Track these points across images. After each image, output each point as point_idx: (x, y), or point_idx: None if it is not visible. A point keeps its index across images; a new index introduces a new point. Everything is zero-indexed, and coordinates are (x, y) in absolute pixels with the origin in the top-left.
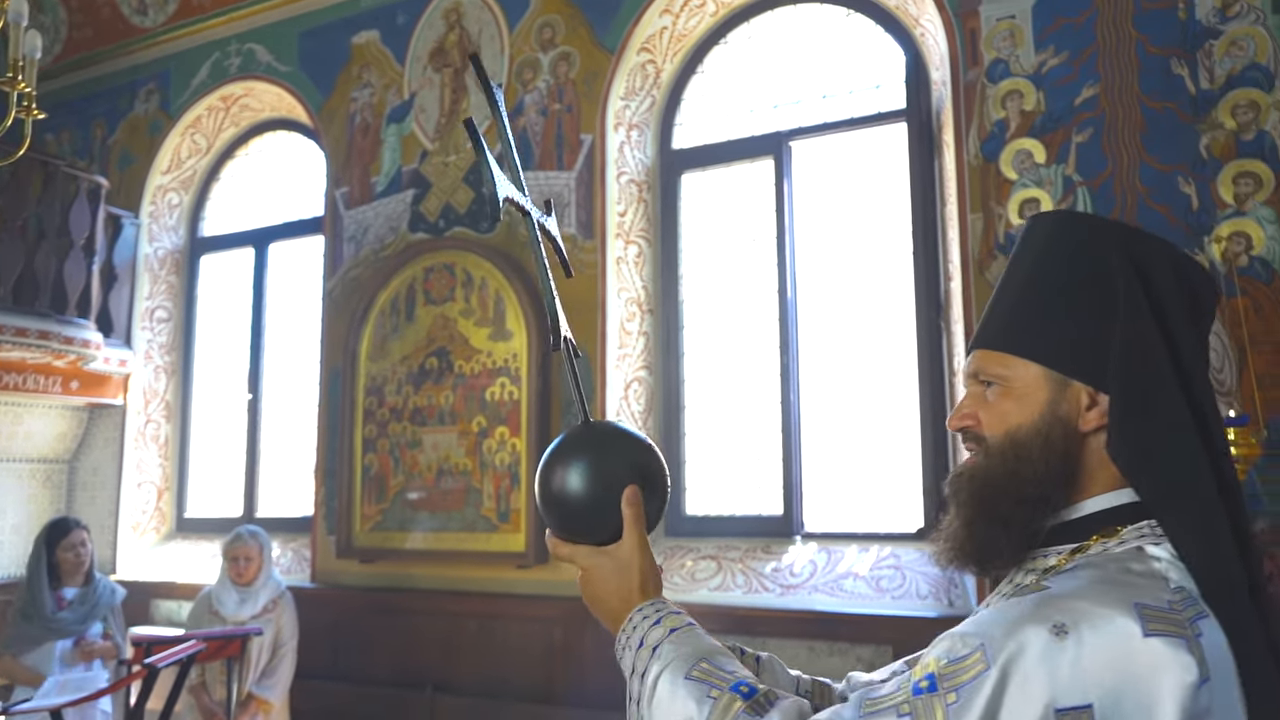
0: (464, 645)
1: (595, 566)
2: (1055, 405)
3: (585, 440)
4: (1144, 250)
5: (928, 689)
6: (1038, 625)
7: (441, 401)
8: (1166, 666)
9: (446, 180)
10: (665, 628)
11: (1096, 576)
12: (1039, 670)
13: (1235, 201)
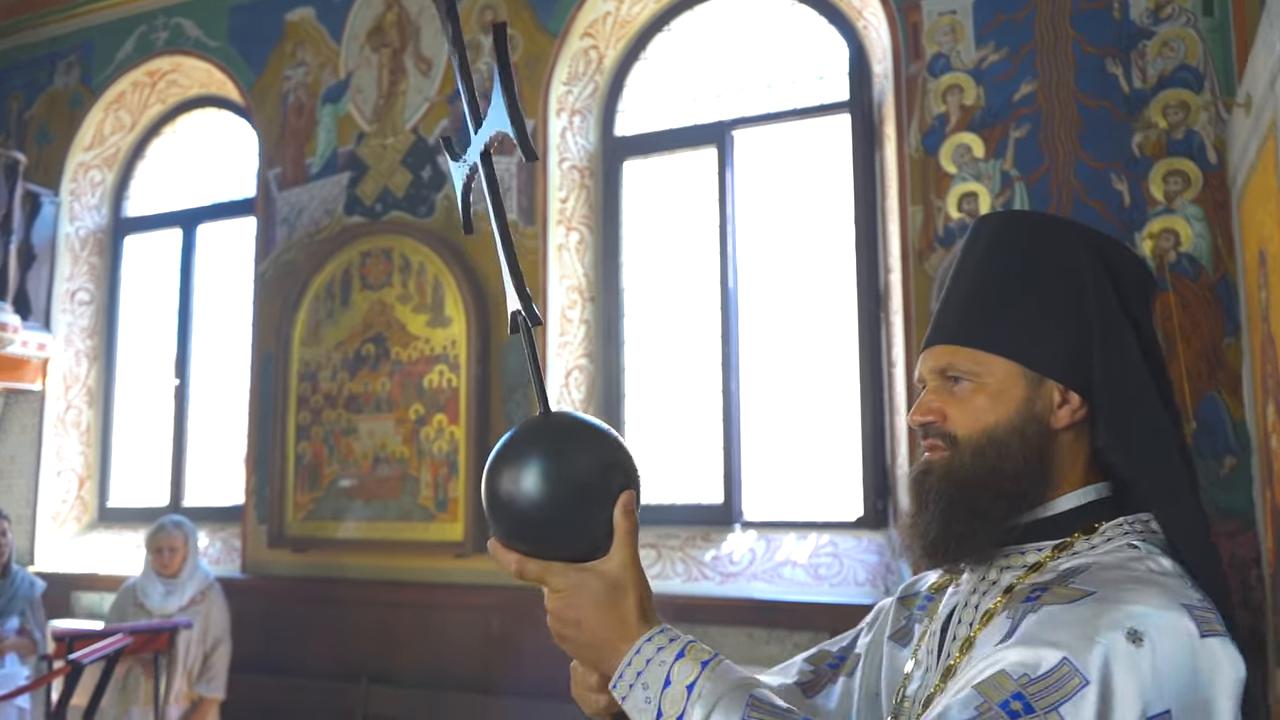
0: (400, 635)
1: (577, 588)
2: (1031, 403)
3: (551, 436)
4: (1109, 248)
5: (1023, 710)
6: (1114, 632)
7: (378, 388)
8: (1220, 665)
9: (384, 163)
10: (694, 661)
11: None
12: (1129, 679)
13: (1165, 199)
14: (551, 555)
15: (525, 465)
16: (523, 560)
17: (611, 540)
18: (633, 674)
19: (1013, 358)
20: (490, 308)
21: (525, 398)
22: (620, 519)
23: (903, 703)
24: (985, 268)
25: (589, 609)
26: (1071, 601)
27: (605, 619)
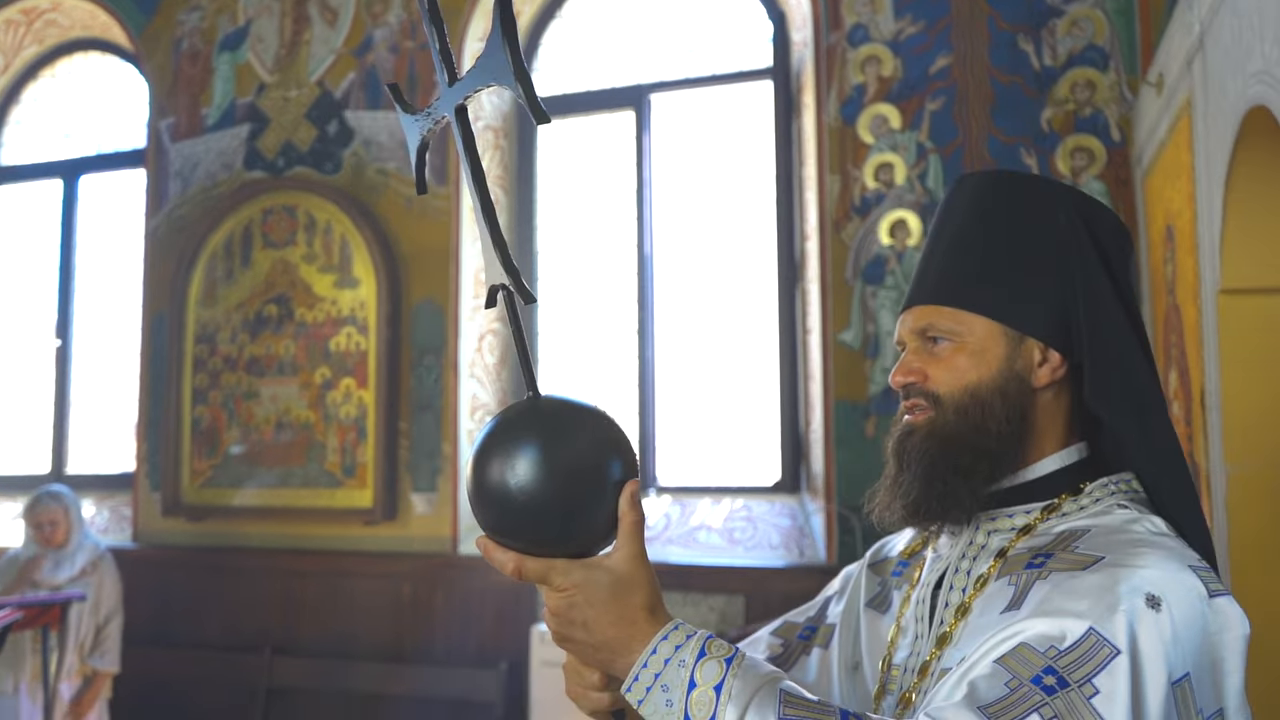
0: (306, 605)
1: (583, 586)
2: (1012, 361)
3: (543, 420)
4: (1088, 206)
5: (1059, 684)
6: (1135, 598)
7: (281, 351)
8: (1229, 623)
9: (287, 116)
10: (718, 660)
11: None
12: (1155, 645)
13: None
14: (551, 552)
15: (517, 453)
16: (520, 559)
17: (614, 533)
18: (649, 676)
19: (993, 316)
20: (401, 268)
21: (437, 362)
22: (626, 510)
23: (891, 671)
24: (965, 227)
25: (597, 608)
26: (1083, 568)
27: (614, 618)
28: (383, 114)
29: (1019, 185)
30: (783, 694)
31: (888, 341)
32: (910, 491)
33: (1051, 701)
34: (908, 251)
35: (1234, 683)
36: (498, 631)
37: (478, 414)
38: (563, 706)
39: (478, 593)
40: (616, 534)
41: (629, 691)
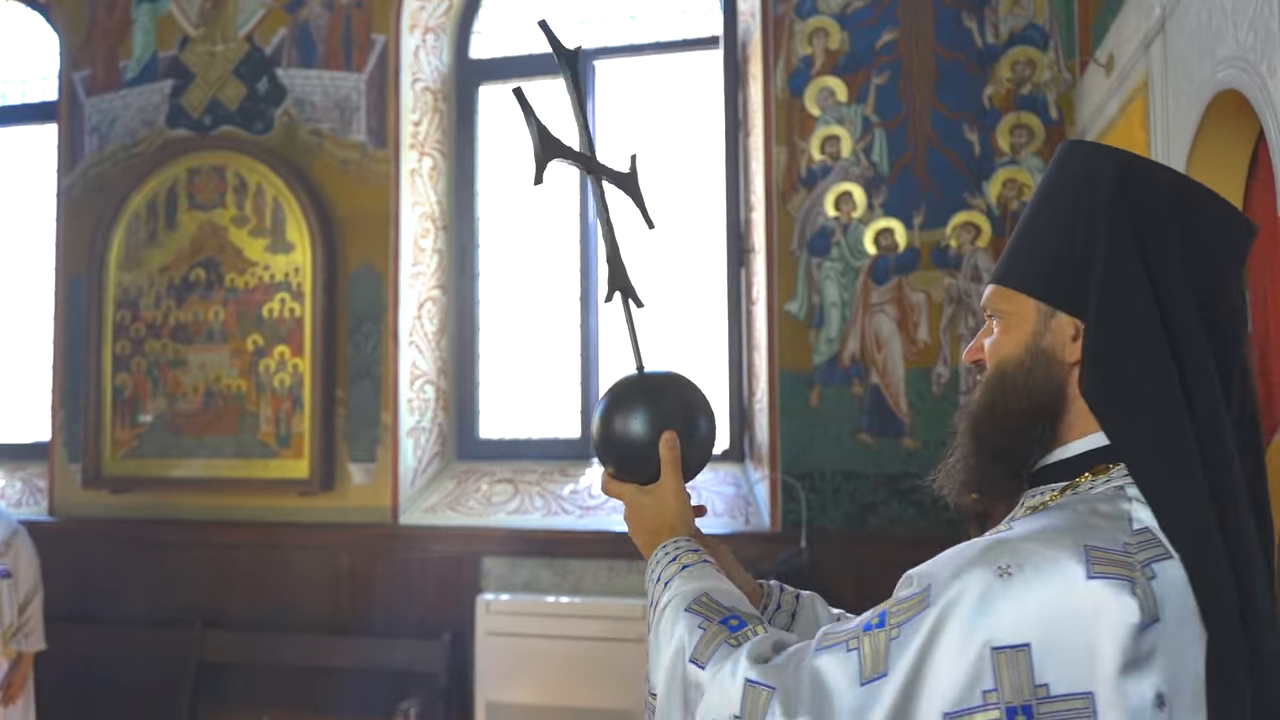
0: (238, 578)
1: (636, 505)
2: (1039, 337)
3: (640, 389)
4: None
5: (877, 625)
6: (984, 567)
7: (210, 317)
8: (1107, 609)
9: (213, 72)
10: (679, 564)
11: (1061, 518)
12: (977, 610)
13: (1011, 151)
14: (633, 481)
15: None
16: (609, 481)
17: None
18: (649, 571)
19: (1026, 290)
20: (337, 233)
21: (376, 329)
22: (664, 452)
23: None
24: (1031, 201)
25: (640, 521)
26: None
27: (649, 529)
28: (316, 73)
29: (1078, 152)
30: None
31: (833, 312)
32: (954, 465)
33: (861, 636)
34: (853, 224)
35: (1107, 670)
36: (440, 602)
37: (417, 382)
38: (507, 676)
39: (419, 563)
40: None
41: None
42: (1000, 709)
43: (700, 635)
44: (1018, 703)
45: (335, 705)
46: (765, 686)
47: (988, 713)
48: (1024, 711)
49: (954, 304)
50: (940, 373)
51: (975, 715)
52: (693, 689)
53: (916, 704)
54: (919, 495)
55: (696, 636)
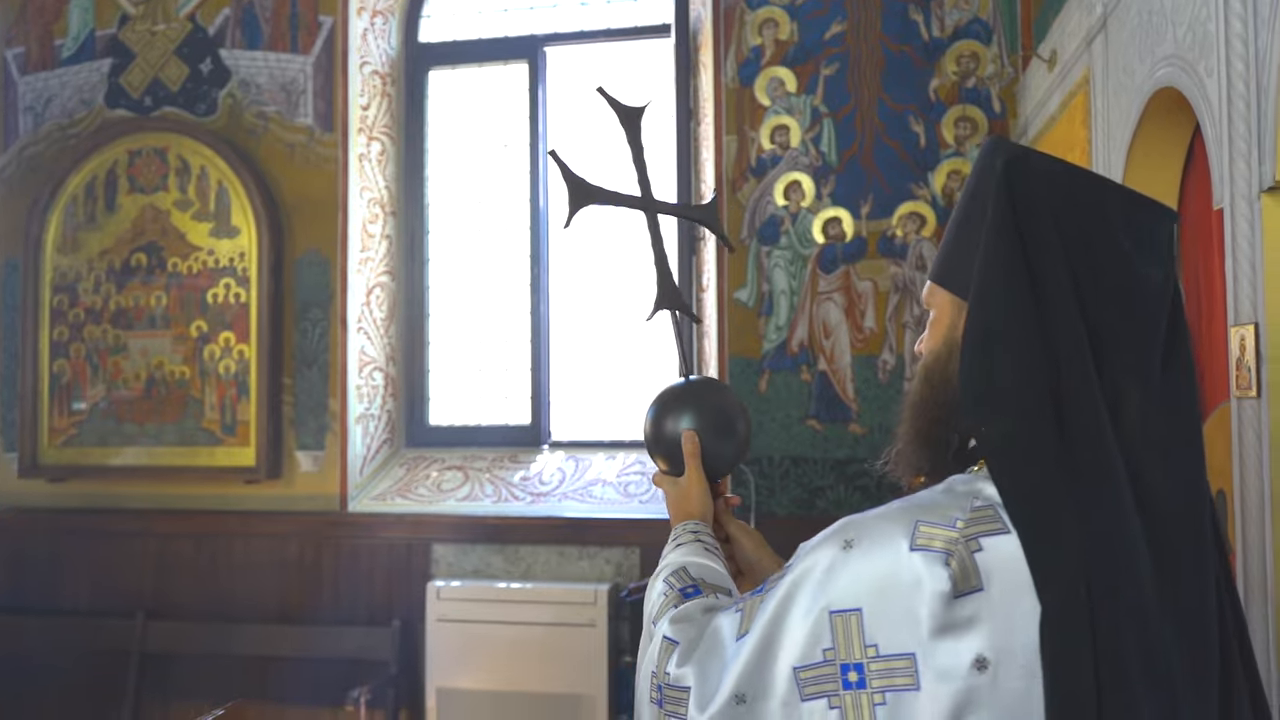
0: (182, 567)
1: (668, 494)
2: (954, 329)
3: (683, 395)
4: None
5: (758, 591)
6: (833, 542)
7: (152, 303)
8: (921, 579)
9: (154, 52)
10: (676, 543)
11: (915, 497)
12: (824, 580)
13: (955, 143)
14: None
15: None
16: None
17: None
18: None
19: (946, 286)
20: (284, 218)
21: (324, 316)
22: (686, 448)
23: None
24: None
25: (670, 504)
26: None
27: (674, 513)
28: (261, 54)
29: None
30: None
31: (782, 300)
32: (895, 453)
33: (747, 602)
34: (801, 213)
35: (923, 633)
36: (390, 589)
37: (366, 369)
38: (458, 662)
39: (368, 551)
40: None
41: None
42: (836, 665)
43: (663, 600)
44: (850, 661)
45: (285, 694)
46: (672, 640)
47: (826, 668)
48: (856, 669)
49: (899, 292)
50: (886, 360)
51: (817, 669)
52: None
53: (774, 658)
54: (865, 480)
55: (660, 601)
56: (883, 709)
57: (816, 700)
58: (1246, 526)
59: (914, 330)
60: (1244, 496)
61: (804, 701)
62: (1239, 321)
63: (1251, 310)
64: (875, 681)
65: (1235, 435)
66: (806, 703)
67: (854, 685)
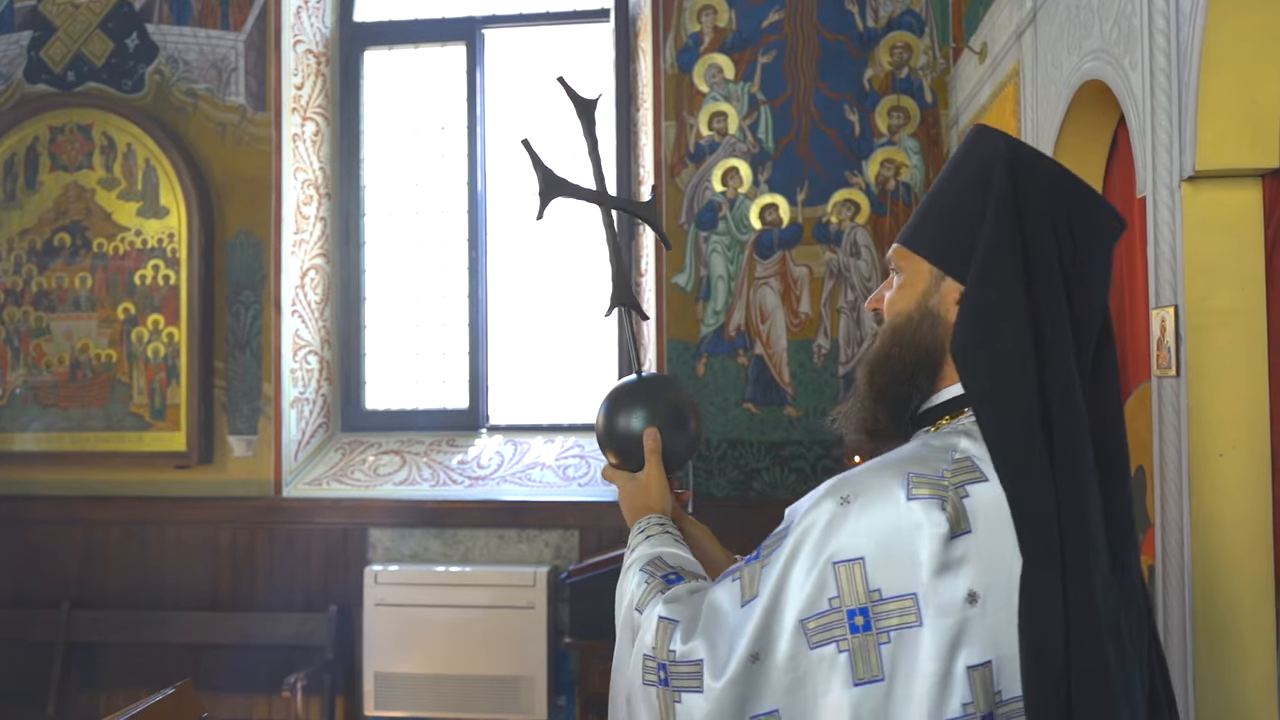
0: (109, 555)
1: (625, 489)
2: (929, 296)
3: (637, 391)
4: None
5: (754, 557)
6: (830, 499)
7: (76, 284)
8: (921, 524)
9: (76, 25)
10: (644, 535)
11: (898, 453)
12: (824, 535)
13: (889, 132)
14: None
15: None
16: (607, 468)
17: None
18: (630, 539)
19: (924, 255)
20: (215, 198)
21: (256, 298)
22: (647, 444)
23: None
24: (939, 175)
25: (626, 499)
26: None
27: (632, 506)
28: (190, 30)
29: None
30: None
31: (720, 285)
32: (851, 407)
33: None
34: (739, 199)
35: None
36: (326, 574)
37: (301, 353)
38: (397, 646)
39: (303, 536)
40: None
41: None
42: (843, 612)
43: (644, 589)
44: (856, 606)
45: (219, 682)
46: (670, 620)
47: (833, 615)
48: (861, 613)
49: (834, 278)
50: (821, 344)
51: (824, 618)
52: (635, 631)
53: (781, 615)
54: (800, 462)
55: (641, 590)
56: (887, 647)
57: (825, 647)
58: (1165, 500)
59: (849, 315)
60: (1163, 471)
61: (812, 650)
62: (1160, 304)
63: (1172, 293)
64: (880, 622)
65: (1156, 412)
66: (815, 650)
67: (860, 629)
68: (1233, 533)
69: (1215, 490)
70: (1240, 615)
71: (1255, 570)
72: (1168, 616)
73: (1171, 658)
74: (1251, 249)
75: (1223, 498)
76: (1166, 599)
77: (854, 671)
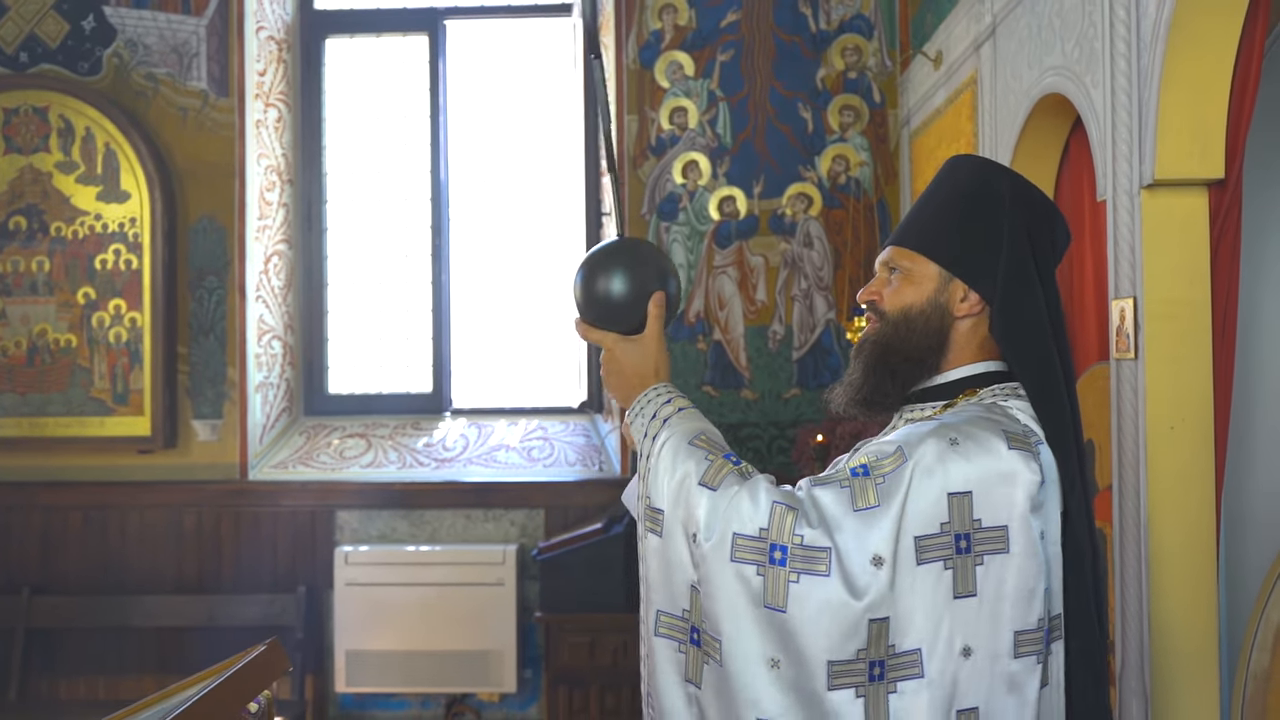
0: (70, 541)
1: (622, 351)
2: (939, 294)
3: (625, 250)
4: (1028, 195)
5: (863, 474)
6: (939, 438)
7: (34, 268)
8: (1018, 471)
9: (29, 6)
10: (675, 406)
11: (975, 413)
12: (938, 466)
13: (840, 129)
14: (614, 330)
15: (613, 273)
16: (589, 328)
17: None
18: (638, 407)
19: (934, 259)
20: (178, 184)
21: (220, 283)
22: (652, 309)
23: None
24: (934, 190)
25: (627, 364)
26: (925, 423)
27: (635, 372)
28: (150, 14)
29: (975, 163)
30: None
31: (680, 273)
32: (855, 382)
33: (853, 481)
34: (699, 191)
35: (1019, 510)
36: (294, 556)
37: (265, 337)
38: (367, 624)
39: (270, 519)
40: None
41: (628, 415)
42: (950, 535)
43: (708, 465)
44: (961, 531)
45: (187, 665)
46: (788, 506)
47: (942, 538)
48: (964, 538)
49: (789, 267)
50: (776, 330)
51: (935, 539)
52: (698, 506)
53: (903, 529)
54: (756, 442)
55: (704, 466)
56: (980, 568)
57: (932, 564)
58: (1123, 470)
59: (802, 302)
60: (1121, 444)
61: (919, 565)
62: (1119, 295)
63: (1130, 286)
64: (978, 547)
65: (1114, 391)
66: (922, 566)
67: (963, 550)
68: (1182, 495)
69: (1167, 458)
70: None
71: (1200, 524)
72: (1124, 566)
73: (1128, 598)
74: (1199, 249)
75: (1174, 465)
76: (1123, 551)
77: (955, 586)
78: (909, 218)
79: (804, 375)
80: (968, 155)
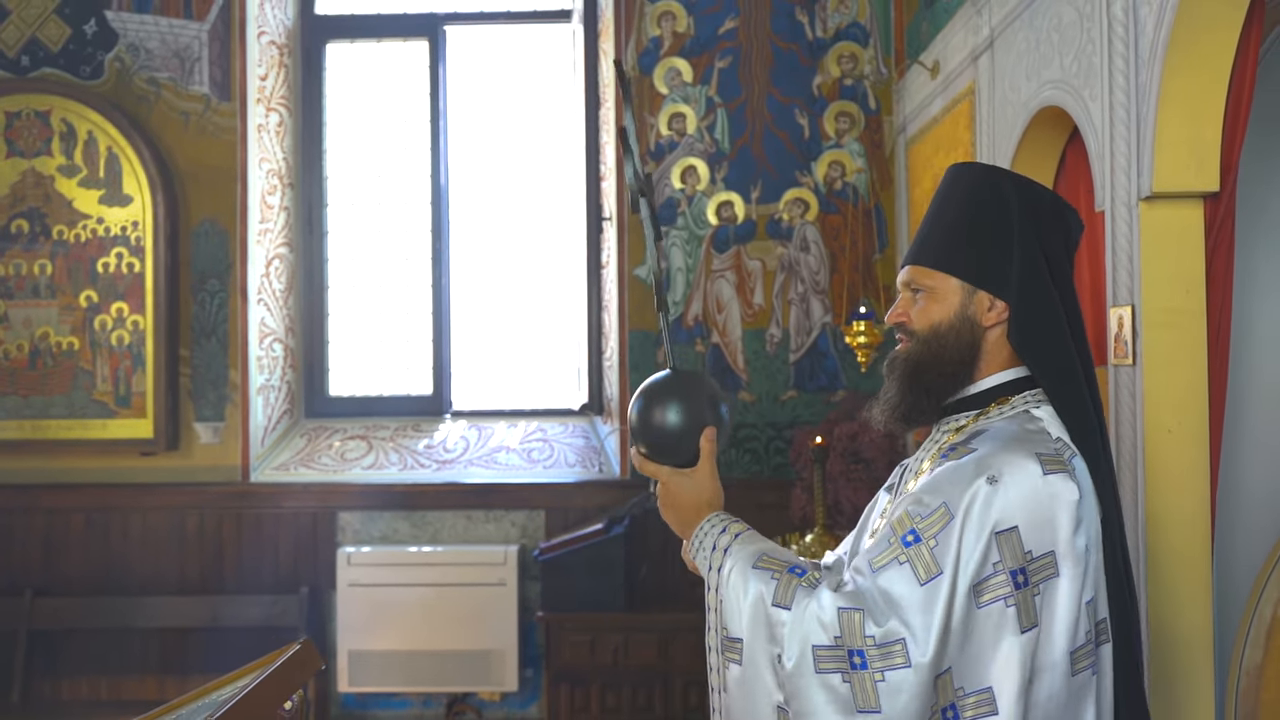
0: (72, 543)
1: (676, 485)
2: (965, 307)
3: (676, 385)
4: (1033, 194)
5: (914, 540)
6: (979, 479)
7: (35, 271)
8: (1059, 493)
9: (30, 10)
10: (731, 534)
11: (1008, 435)
12: (984, 511)
13: (835, 135)
14: (668, 463)
15: (659, 407)
16: (645, 461)
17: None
18: (698, 541)
19: (954, 274)
20: (180, 186)
21: (222, 286)
22: (704, 445)
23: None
24: (943, 205)
25: (682, 498)
26: (963, 459)
27: (690, 505)
28: (152, 19)
29: (980, 172)
30: (762, 555)
31: (679, 277)
32: (892, 400)
33: (909, 553)
34: (697, 195)
35: (1064, 534)
36: (297, 557)
37: (266, 340)
38: (370, 624)
39: (272, 520)
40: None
41: (689, 547)
42: (1006, 573)
43: (775, 584)
44: (1016, 567)
45: (190, 666)
46: (855, 609)
47: (998, 577)
48: (1021, 572)
49: (785, 271)
50: (773, 333)
51: (991, 580)
52: (777, 626)
53: (958, 585)
54: (754, 443)
55: (773, 586)
56: (1038, 598)
57: (993, 605)
58: (1122, 468)
59: (799, 306)
60: (1119, 447)
61: (979, 609)
62: (1117, 303)
63: (1129, 294)
64: (1034, 578)
65: (1113, 395)
66: (982, 609)
67: (1022, 585)
68: (1179, 494)
69: (1165, 460)
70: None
71: (1196, 523)
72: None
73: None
74: (1195, 259)
75: (1171, 466)
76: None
77: (1020, 621)
78: (922, 234)
79: (801, 377)
80: (969, 163)
